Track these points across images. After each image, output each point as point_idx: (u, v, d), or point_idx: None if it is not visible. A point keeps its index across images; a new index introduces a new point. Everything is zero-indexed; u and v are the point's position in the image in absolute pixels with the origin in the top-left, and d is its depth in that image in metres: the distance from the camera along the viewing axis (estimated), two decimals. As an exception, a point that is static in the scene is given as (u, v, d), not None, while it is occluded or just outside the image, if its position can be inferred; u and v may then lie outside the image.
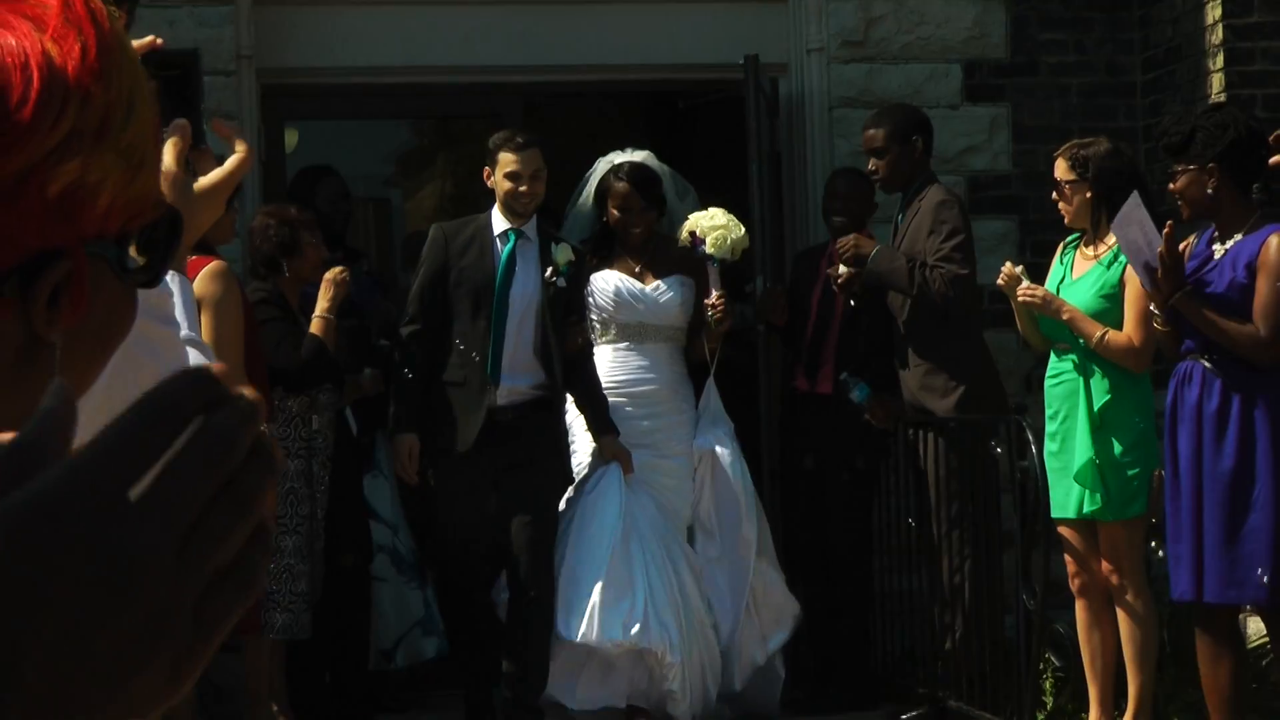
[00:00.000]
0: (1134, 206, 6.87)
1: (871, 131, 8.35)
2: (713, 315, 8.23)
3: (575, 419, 8.18)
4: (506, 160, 7.89)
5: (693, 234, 8.29)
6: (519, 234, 7.95)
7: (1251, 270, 6.79)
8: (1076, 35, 9.73)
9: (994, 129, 9.65)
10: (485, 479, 7.88)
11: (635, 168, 8.36)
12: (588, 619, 7.77)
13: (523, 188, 7.87)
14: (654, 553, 7.95)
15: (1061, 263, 7.55)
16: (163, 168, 1.69)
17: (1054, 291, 7.43)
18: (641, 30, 9.63)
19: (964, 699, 7.94)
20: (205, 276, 7.15)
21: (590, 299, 8.28)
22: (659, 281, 8.35)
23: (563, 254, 7.95)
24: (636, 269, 8.37)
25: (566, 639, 7.81)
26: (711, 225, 8.26)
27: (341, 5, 9.48)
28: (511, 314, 7.89)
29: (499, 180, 7.92)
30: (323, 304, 7.89)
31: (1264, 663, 7.98)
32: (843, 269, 8.31)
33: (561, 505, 8.06)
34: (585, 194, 8.62)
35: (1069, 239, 7.60)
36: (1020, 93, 9.67)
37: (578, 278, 8.07)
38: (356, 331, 8.48)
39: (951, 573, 8.01)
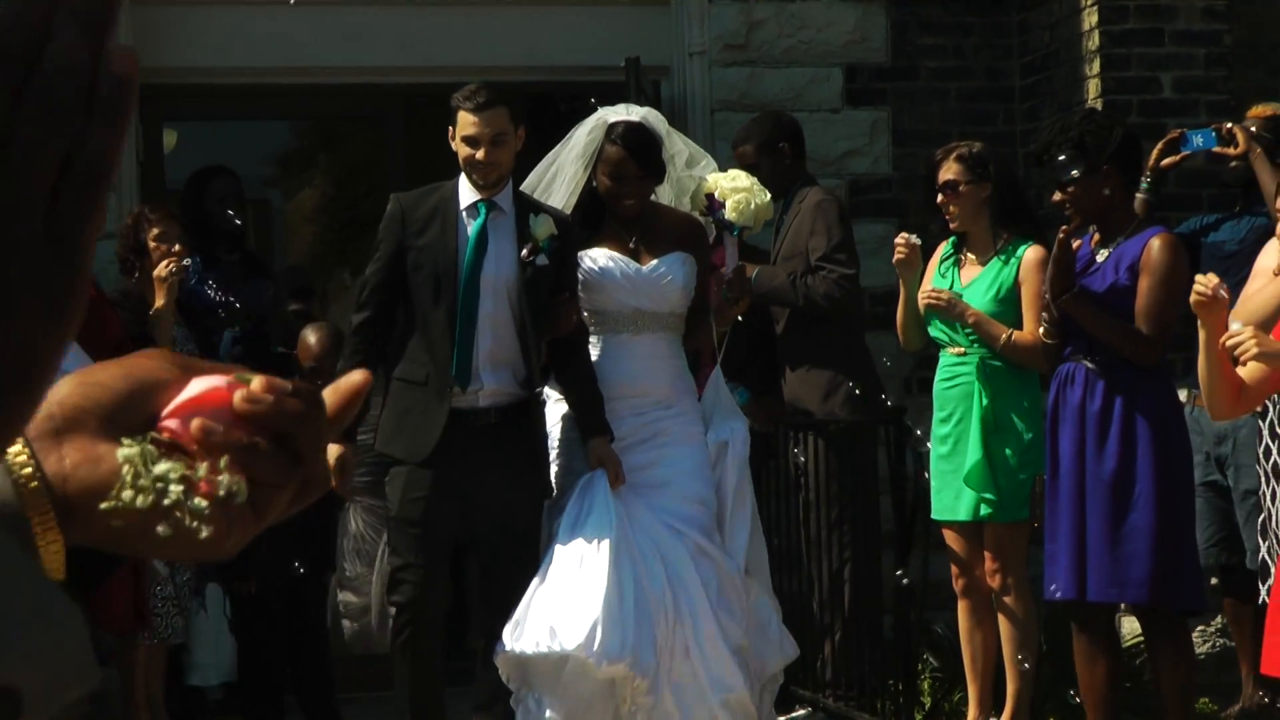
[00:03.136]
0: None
1: (742, 148, 8.36)
2: (728, 294, 7.20)
3: (553, 425, 7.16)
4: (465, 121, 6.84)
5: (710, 196, 7.29)
6: (490, 205, 6.88)
7: (1134, 273, 6.86)
8: (956, 40, 9.80)
9: (874, 132, 9.70)
10: (450, 494, 6.82)
11: (632, 130, 7.14)
12: (588, 633, 6.61)
13: (480, 154, 6.81)
14: (648, 569, 6.82)
15: (943, 274, 7.56)
16: None
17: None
18: (523, 32, 9.61)
19: (843, 700, 7.98)
20: None
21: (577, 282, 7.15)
22: (657, 260, 7.15)
23: (543, 227, 6.85)
24: (630, 244, 7.18)
25: (558, 651, 6.64)
26: (733, 188, 7.24)
27: (221, 5, 9.41)
28: (484, 300, 6.82)
29: (458, 144, 6.88)
30: (156, 302, 7.69)
31: (1138, 662, 8.07)
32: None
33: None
34: (568, 150, 7.33)
35: (944, 252, 7.62)
36: (900, 97, 9.73)
37: (563, 252, 6.92)
38: (256, 339, 8.45)
39: (831, 574, 8.04)
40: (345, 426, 1.27)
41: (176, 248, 7.76)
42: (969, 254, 7.50)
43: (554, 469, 7.07)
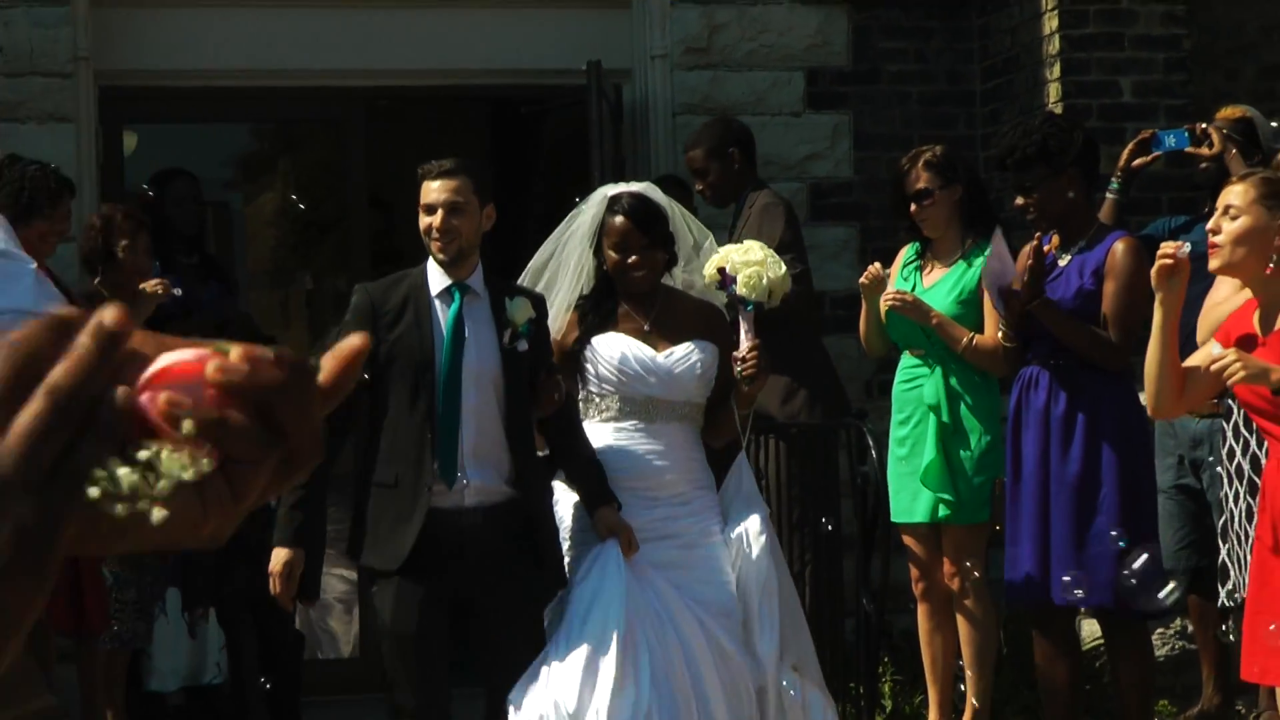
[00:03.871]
0: (998, 239, 6.95)
1: (691, 153, 8.38)
2: (743, 371, 6.60)
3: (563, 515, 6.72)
4: (425, 190, 6.42)
5: (722, 270, 6.85)
6: (464, 289, 6.42)
7: (1099, 277, 6.88)
8: (917, 44, 9.82)
9: (836, 136, 9.72)
10: (443, 607, 6.34)
11: (634, 199, 6.76)
12: (593, 712, 6.22)
13: (436, 219, 6.36)
14: (661, 638, 6.42)
15: (905, 278, 7.56)
16: None
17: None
18: (485, 35, 9.60)
19: (805, 702, 7.98)
20: None
21: (589, 366, 6.73)
22: (675, 347, 6.73)
23: (520, 311, 6.41)
24: (645, 328, 6.75)
25: None
26: (745, 261, 6.82)
27: (181, 6, 9.39)
28: (466, 392, 6.37)
29: (421, 216, 6.45)
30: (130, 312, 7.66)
31: (1098, 664, 8.09)
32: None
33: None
34: (571, 231, 6.93)
35: (907, 258, 7.62)
36: (862, 100, 9.75)
37: (540, 334, 6.50)
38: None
39: (792, 577, 8.04)
40: (344, 394, 1.19)
41: (165, 281, 7.70)
42: (934, 258, 7.51)
43: (566, 560, 6.61)
